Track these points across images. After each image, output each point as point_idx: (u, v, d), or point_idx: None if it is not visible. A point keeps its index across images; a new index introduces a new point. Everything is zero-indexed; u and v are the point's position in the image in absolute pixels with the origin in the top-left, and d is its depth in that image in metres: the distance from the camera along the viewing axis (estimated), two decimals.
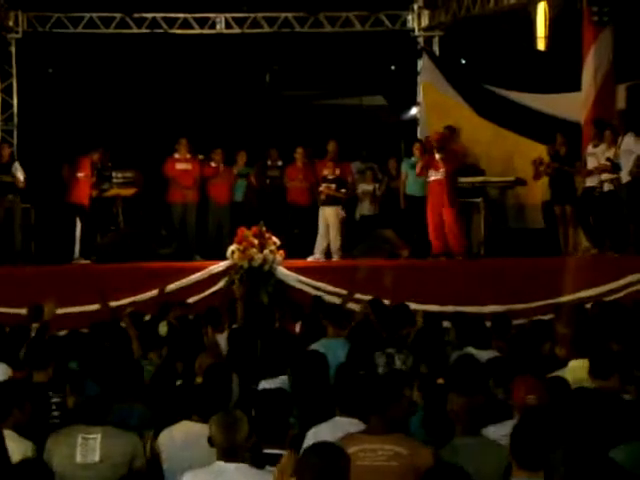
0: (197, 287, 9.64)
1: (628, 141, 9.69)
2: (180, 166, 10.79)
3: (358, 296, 9.23)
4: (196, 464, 3.80)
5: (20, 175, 10.13)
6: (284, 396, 4.40)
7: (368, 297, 8.62)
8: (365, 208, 11.21)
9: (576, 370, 5.19)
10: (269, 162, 11.43)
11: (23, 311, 8.17)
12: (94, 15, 12.32)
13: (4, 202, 10.17)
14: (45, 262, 10.59)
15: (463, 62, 14.10)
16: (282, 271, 9.98)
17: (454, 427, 4.10)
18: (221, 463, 3.57)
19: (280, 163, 11.38)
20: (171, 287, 9.53)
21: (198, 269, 9.98)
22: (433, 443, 3.95)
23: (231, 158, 11.13)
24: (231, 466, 3.54)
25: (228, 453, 3.56)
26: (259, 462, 3.82)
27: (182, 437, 4.29)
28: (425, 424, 4.52)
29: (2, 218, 10.14)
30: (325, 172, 10.68)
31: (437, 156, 10.05)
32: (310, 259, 10.63)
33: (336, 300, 9.26)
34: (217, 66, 13.58)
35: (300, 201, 11.08)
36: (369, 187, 11.13)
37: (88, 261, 10.30)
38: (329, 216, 10.55)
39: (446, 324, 7.64)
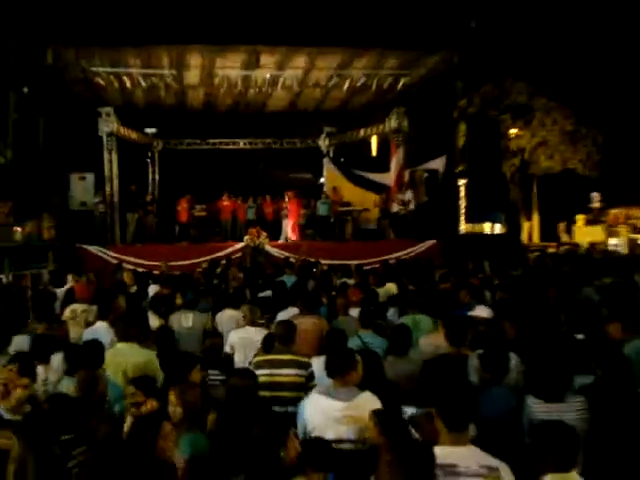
0: (234, 253, 16.37)
1: (410, 193, 18.49)
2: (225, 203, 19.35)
3: (296, 257, 14.82)
4: (234, 328, 6.73)
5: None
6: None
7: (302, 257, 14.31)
8: (301, 220, 19.09)
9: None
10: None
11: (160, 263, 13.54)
12: (191, 140, 21.16)
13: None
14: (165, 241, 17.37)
15: (342, 160, 22.21)
16: (268, 248, 16.82)
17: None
18: (248, 327, 6.52)
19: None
20: (224, 252, 16.20)
21: (232, 245, 16.99)
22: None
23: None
24: (252, 328, 6.46)
25: (251, 323, 6.48)
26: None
27: (226, 316, 7.33)
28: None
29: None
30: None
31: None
32: (279, 241, 18.04)
33: (292, 260, 14.19)
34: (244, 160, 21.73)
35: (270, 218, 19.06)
36: (303, 211, 19.09)
37: (186, 242, 17.67)
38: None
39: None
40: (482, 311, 6.72)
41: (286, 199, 19.20)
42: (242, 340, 6.32)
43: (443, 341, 5.52)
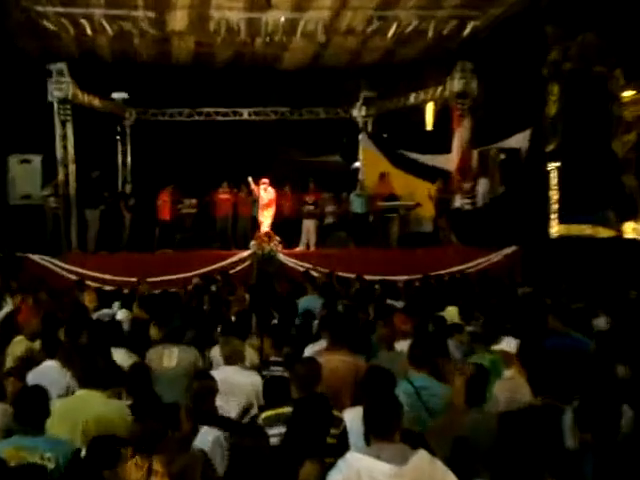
0: (236, 264, 17.07)
1: (482, 181, 18.78)
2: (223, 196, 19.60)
3: (321, 269, 15.73)
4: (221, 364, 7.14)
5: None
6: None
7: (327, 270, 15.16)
8: (329, 219, 19.53)
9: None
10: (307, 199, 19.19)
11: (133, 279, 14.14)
12: (175, 110, 21.52)
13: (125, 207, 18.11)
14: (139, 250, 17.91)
15: (385, 135, 22.62)
16: (282, 257, 17.42)
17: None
18: (225, 367, 6.94)
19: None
20: (221, 264, 16.67)
21: (236, 254, 17.65)
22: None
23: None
24: (230, 368, 6.81)
25: (228, 361, 6.91)
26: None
27: (217, 353, 7.69)
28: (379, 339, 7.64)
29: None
30: (307, 198, 19.23)
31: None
32: (298, 249, 18.43)
33: (316, 273, 15.15)
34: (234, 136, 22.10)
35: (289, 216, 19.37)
36: (331, 207, 19.66)
37: (170, 250, 18.45)
38: (310, 225, 18.97)
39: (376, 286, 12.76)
40: (580, 344, 6.84)
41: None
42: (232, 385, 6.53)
43: (525, 387, 5.57)
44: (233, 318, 9.19)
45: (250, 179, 18.67)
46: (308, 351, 7.27)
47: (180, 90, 21.38)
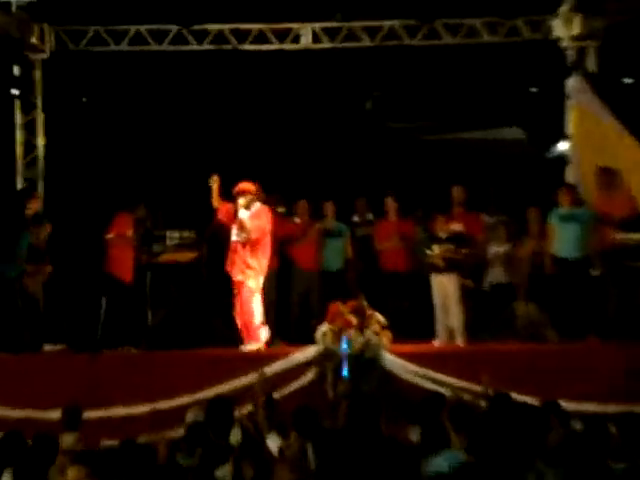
0: (279, 381, 10.72)
1: None
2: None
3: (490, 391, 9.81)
4: None
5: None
6: None
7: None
8: (497, 274, 12.43)
9: None
10: (356, 217, 12.98)
11: (54, 415, 9.49)
12: (142, 28, 13.54)
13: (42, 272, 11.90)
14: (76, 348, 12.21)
15: (627, 81, 15.18)
16: (390, 359, 11.19)
17: None
18: None
19: (370, 217, 12.94)
20: (244, 381, 10.67)
21: (278, 356, 11.29)
22: None
23: (317, 210, 12.44)
24: None
25: None
26: None
27: None
28: None
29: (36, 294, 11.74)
30: (439, 226, 12.16)
31: None
32: (435, 343, 11.98)
33: (464, 398, 9.94)
34: (300, 92, 15.07)
35: (397, 267, 12.62)
36: (501, 248, 12.39)
37: (135, 350, 11.86)
38: (447, 286, 11.86)
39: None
40: None
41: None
42: None
43: None
44: None
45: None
46: None
47: None
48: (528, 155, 16.76)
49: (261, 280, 12.00)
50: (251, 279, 11.80)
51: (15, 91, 14.23)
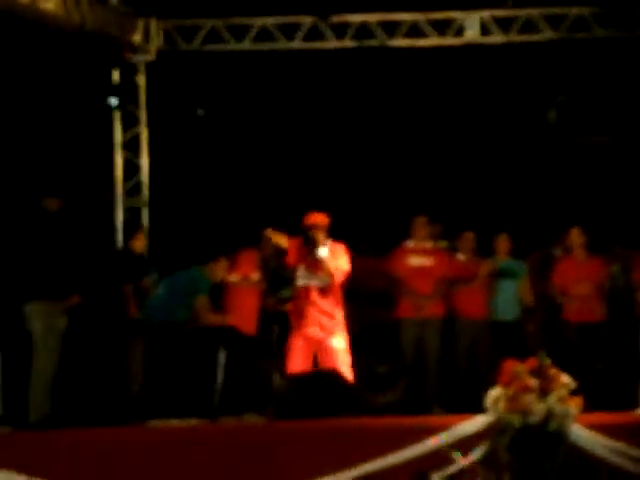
0: (437, 460, 8.44)
1: None
2: (415, 261, 11.28)
3: None
4: None
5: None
6: None
7: None
8: None
9: None
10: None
11: None
12: (269, 22, 12.74)
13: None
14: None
15: None
16: (580, 432, 8.64)
17: None
18: None
19: (558, 252, 12.05)
20: (391, 461, 8.16)
21: (437, 428, 8.86)
22: None
23: (486, 244, 11.63)
24: None
25: None
26: None
27: None
28: None
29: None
30: None
31: None
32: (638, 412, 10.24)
33: None
34: (464, 98, 14.33)
35: (588, 316, 11.65)
36: None
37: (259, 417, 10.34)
38: None
39: None
40: None
41: None
42: None
43: None
44: None
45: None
46: None
47: None
48: None
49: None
50: (339, 336, 10.38)
51: (114, 101, 13.24)
